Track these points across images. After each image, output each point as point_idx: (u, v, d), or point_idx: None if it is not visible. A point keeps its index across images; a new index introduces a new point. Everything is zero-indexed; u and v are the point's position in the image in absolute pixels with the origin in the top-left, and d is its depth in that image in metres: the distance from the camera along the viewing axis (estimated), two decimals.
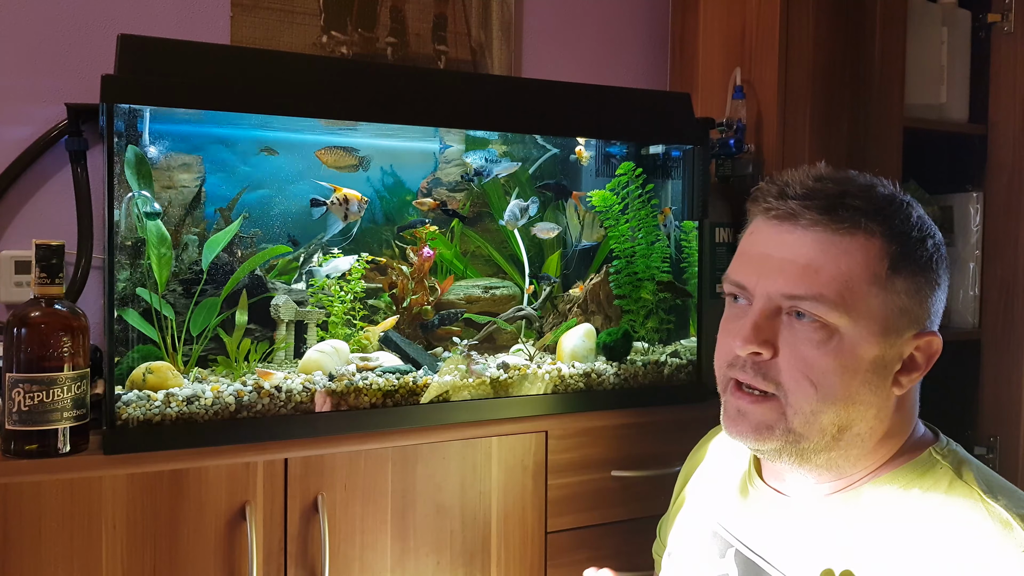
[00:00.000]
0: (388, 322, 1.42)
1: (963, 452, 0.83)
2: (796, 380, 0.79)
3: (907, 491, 0.80)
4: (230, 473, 1.12)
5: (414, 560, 1.23)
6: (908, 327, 0.80)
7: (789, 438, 0.80)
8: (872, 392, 0.79)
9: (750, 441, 0.83)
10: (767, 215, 0.83)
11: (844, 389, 0.78)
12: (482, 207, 1.61)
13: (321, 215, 1.38)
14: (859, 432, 0.81)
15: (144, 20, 1.50)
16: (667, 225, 1.59)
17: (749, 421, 0.82)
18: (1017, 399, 1.83)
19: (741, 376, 0.82)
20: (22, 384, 1.06)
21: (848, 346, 0.78)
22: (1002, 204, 1.89)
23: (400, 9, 1.70)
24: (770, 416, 0.80)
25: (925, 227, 0.81)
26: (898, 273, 0.78)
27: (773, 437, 0.81)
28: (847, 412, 0.79)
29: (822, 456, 0.82)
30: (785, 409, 0.80)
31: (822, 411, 0.79)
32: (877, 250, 0.78)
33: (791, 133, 1.64)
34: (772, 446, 0.81)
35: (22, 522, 1.02)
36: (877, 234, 0.78)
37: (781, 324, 0.80)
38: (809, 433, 0.80)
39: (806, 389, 0.79)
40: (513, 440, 1.30)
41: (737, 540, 0.90)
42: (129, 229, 1.22)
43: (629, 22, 1.94)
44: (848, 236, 0.78)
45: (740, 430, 0.83)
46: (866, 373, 0.79)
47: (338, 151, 1.40)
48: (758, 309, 0.81)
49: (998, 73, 1.90)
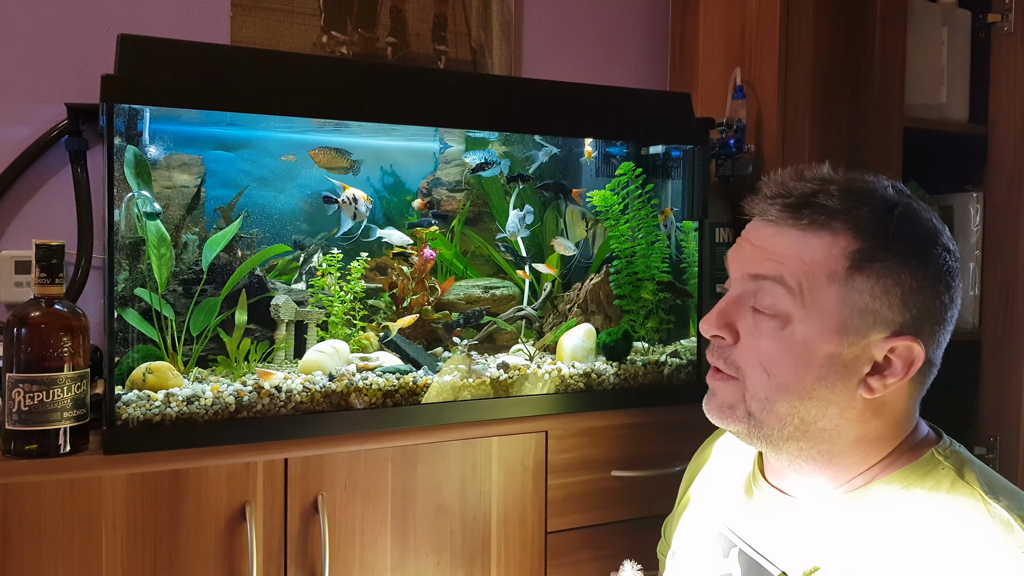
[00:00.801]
0: (407, 319, 1.43)
1: (966, 453, 0.83)
2: (751, 366, 0.83)
3: (909, 491, 0.80)
4: (230, 473, 1.12)
5: (414, 560, 1.23)
6: (875, 328, 0.79)
7: (751, 422, 0.84)
8: (830, 390, 0.80)
9: (716, 419, 0.87)
10: (756, 211, 0.87)
11: (797, 381, 0.80)
12: (482, 207, 1.61)
13: (334, 212, 1.40)
14: (825, 428, 0.82)
15: (144, 20, 1.50)
16: (668, 226, 1.59)
17: (716, 399, 0.87)
18: (1017, 399, 1.83)
19: (710, 358, 0.87)
20: (22, 384, 1.06)
21: (800, 338, 0.80)
22: (1002, 204, 1.89)
23: (400, 9, 1.70)
24: (732, 396, 0.85)
25: (909, 230, 0.80)
26: (860, 272, 0.79)
27: (736, 418, 0.85)
28: (803, 405, 0.81)
29: (791, 445, 0.83)
30: (744, 392, 0.83)
31: (776, 399, 0.81)
32: (840, 248, 0.79)
33: (791, 133, 1.64)
34: (737, 428, 0.85)
35: (22, 522, 1.02)
36: (842, 233, 0.80)
37: (745, 311, 0.84)
38: (767, 420, 0.82)
39: (760, 375, 0.82)
40: (513, 440, 1.30)
41: (741, 540, 0.91)
42: (129, 229, 1.22)
43: (629, 22, 1.95)
44: (811, 233, 0.80)
45: (709, 407, 0.88)
46: (821, 369, 0.80)
47: (331, 152, 1.40)
48: (729, 295, 0.86)
49: (998, 73, 1.90)
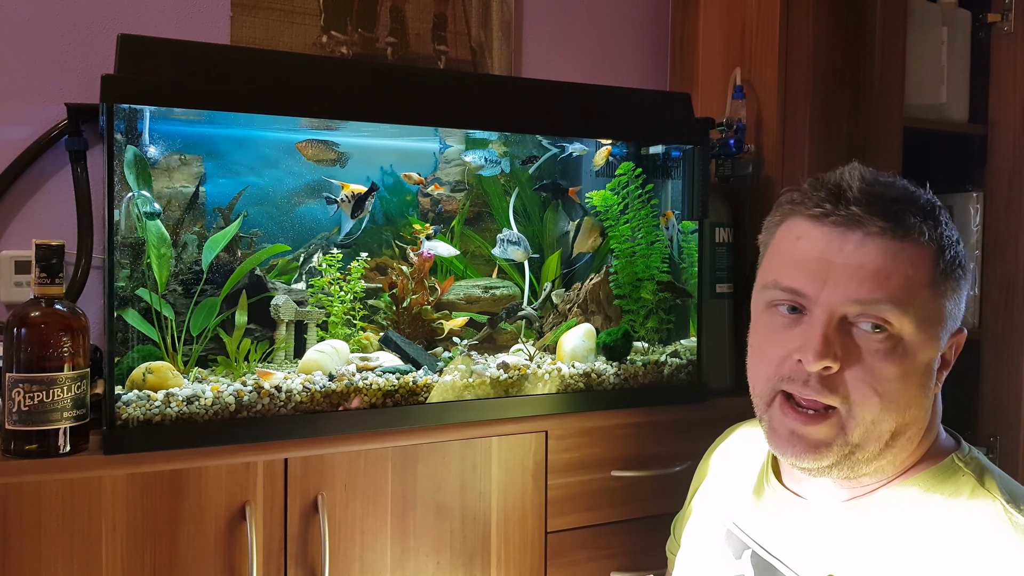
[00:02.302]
0: (459, 321, 1.47)
1: (985, 460, 0.83)
2: (863, 392, 0.77)
3: (928, 496, 0.80)
4: (230, 473, 1.12)
5: (414, 560, 1.23)
6: (951, 328, 0.82)
7: (846, 451, 0.79)
8: (924, 395, 0.81)
9: (808, 462, 0.80)
10: (820, 220, 0.80)
11: (904, 395, 0.79)
12: (482, 207, 1.61)
13: (335, 212, 1.39)
14: (909, 436, 0.81)
15: (144, 20, 1.50)
16: (669, 228, 1.58)
17: (806, 441, 0.79)
18: (1017, 399, 1.83)
19: (803, 392, 0.79)
20: (22, 384, 1.06)
21: (910, 352, 0.78)
22: (1002, 204, 1.89)
23: (400, 9, 1.70)
24: (829, 433, 0.79)
25: (955, 230, 0.84)
26: (946, 277, 0.80)
27: (831, 453, 0.79)
28: (903, 417, 0.79)
29: (872, 465, 0.81)
30: (846, 422, 0.78)
31: (883, 420, 0.78)
32: (932, 256, 0.79)
33: (791, 133, 1.64)
34: (828, 462, 0.80)
35: (22, 522, 1.02)
36: (928, 239, 0.79)
37: (845, 335, 0.78)
38: (866, 443, 0.79)
39: (871, 399, 0.78)
40: (513, 440, 1.30)
41: (754, 541, 0.90)
42: (129, 229, 1.22)
43: (629, 22, 1.94)
44: (911, 243, 0.78)
45: (796, 452, 0.80)
46: (921, 376, 0.80)
47: (319, 144, 1.39)
48: (824, 320, 0.78)
49: (998, 73, 1.90)
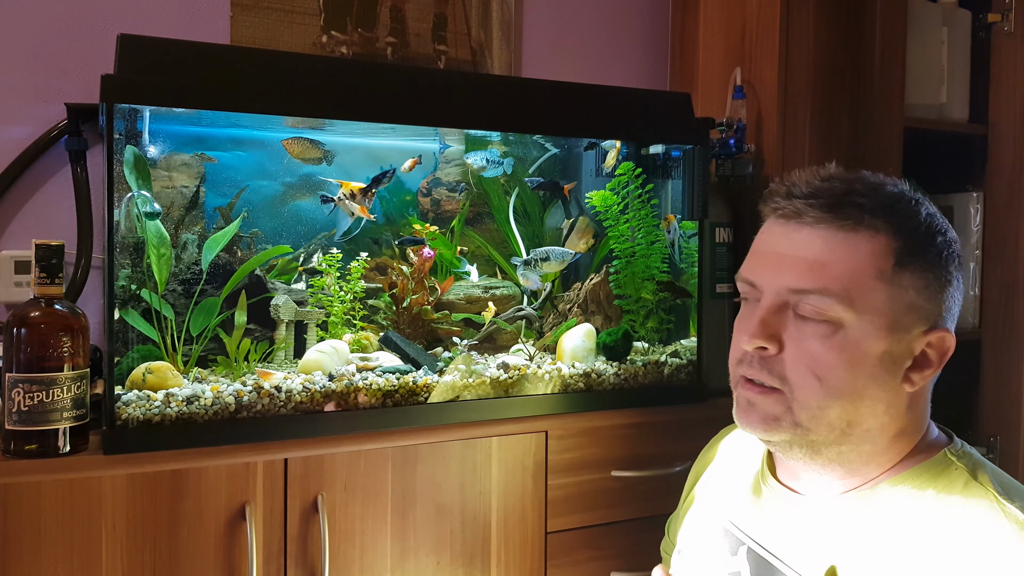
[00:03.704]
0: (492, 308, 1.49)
1: (978, 455, 0.83)
2: (801, 375, 0.80)
3: (922, 492, 0.80)
4: (230, 473, 1.12)
5: (414, 560, 1.23)
6: (918, 323, 0.80)
7: (797, 431, 0.81)
8: (880, 387, 0.80)
9: (759, 432, 0.84)
10: (776, 215, 0.85)
11: (851, 384, 0.79)
12: (482, 207, 1.61)
13: (331, 211, 1.39)
14: (870, 428, 0.81)
15: (144, 20, 1.50)
16: (671, 232, 1.58)
17: (758, 412, 0.83)
18: (1017, 399, 1.84)
19: (748, 372, 0.83)
20: (22, 384, 1.06)
21: (853, 341, 0.79)
22: (1002, 204, 1.89)
23: (400, 9, 1.70)
24: (776, 409, 0.82)
25: (935, 224, 0.82)
26: (905, 269, 0.79)
27: (781, 429, 0.82)
28: (855, 407, 0.80)
29: (833, 450, 0.82)
30: (792, 404, 0.81)
31: (828, 406, 0.80)
32: (882, 246, 0.79)
33: (791, 133, 1.64)
34: (781, 438, 0.83)
35: (22, 522, 1.02)
36: (882, 230, 0.79)
37: (788, 320, 0.81)
38: (816, 427, 0.81)
39: (811, 384, 0.80)
40: (513, 440, 1.30)
41: (749, 538, 0.90)
42: (129, 229, 1.22)
43: (629, 22, 1.94)
44: (853, 233, 0.79)
45: (750, 420, 0.84)
46: (873, 368, 0.79)
47: (304, 142, 1.39)
48: (765, 305, 0.82)
49: (998, 73, 1.90)
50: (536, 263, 1.50)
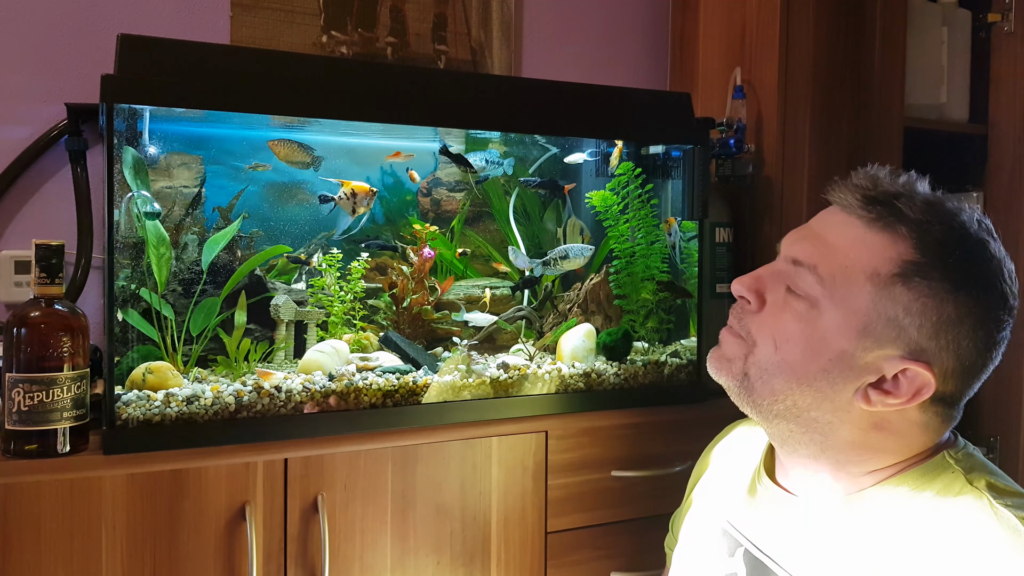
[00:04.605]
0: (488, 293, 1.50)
1: (979, 456, 0.82)
2: (763, 336, 0.83)
3: (917, 494, 0.79)
4: (230, 473, 1.12)
5: (414, 560, 1.23)
6: (893, 342, 0.77)
7: (744, 383, 0.84)
8: (829, 385, 0.79)
9: (712, 369, 0.88)
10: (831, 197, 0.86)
11: (802, 365, 0.80)
12: (482, 207, 1.61)
13: (331, 211, 1.39)
14: (817, 419, 0.81)
15: (144, 20, 1.50)
16: (672, 234, 1.58)
17: (720, 350, 0.88)
18: (1017, 399, 1.83)
19: (730, 317, 0.88)
20: (22, 384, 1.06)
21: (821, 327, 0.79)
22: (1002, 204, 1.89)
23: (400, 9, 1.70)
24: (734, 351, 0.86)
25: (979, 269, 0.78)
26: (904, 283, 0.77)
27: (731, 373, 0.85)
28: (799, 390, 0.81)
29: (781, 424, 0.84)
30: (748, 355, 0.84)
31: (775, 374, 0.82)
32: (894, 253, 0.77)
33: (791, 133, 1.64)
34: (729, 383, 0.86)
35: (22, 522, 1.02)
36: (903, 239, 0.78)
37: (779, 287, 0.83)
38: (760, 388, 0.83)
39: (768, 347, 0.82)
40: (513, 440, 1.30)
41: (746, 539, 0.91)
42: (129, 229, 1.22)
43: (629, 22, 1.94)
44: (875, 230, 0.79)
45: (711, 357, 0.89)
46: (828, 362, 0.79)
47: (292, 144, 1.39)
48: (770, 266, 0.86)
49: (998, 73, 1.90)
50: (555, 261, 1.51)
